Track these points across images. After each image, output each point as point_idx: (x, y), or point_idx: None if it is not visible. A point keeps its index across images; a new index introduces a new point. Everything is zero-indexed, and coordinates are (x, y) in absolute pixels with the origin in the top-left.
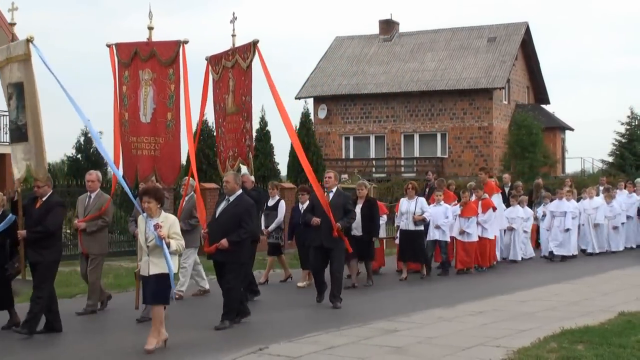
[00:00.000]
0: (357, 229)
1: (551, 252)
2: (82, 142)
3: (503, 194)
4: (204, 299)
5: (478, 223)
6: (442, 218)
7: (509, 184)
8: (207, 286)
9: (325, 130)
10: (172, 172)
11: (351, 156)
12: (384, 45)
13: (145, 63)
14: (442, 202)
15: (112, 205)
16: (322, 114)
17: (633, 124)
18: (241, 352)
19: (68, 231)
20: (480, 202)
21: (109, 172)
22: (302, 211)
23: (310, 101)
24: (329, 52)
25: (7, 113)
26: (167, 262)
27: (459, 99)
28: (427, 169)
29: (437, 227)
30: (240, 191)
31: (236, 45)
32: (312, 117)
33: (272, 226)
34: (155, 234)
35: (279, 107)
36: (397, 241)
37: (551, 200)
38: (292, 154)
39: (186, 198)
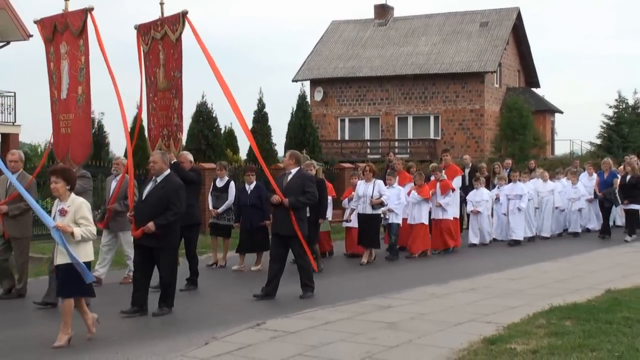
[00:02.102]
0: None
1: (514, 239)
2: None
3: (463, 175)
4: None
5: (438, 205)
6: (395, 200)
7: (469, 165)
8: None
9: (322, 112)
10: (82, 151)
11: (346, 137)
12: (379, 29)
13: (62, 36)
14: (395, 185)
15: (34, 185)
16: (318, 96)
17: (620, 107)
18: (239, 327)
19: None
20: (438, 184)
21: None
22: (248, 192)
23: (307, 84)
24: (325, 36)
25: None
26: (67, 251)
27: (451, 82)
28: (421, 150)
29: (390, 209)
30: (168, 171)
31: (165, 15)
32: (308, 99)
33: (222, 207)
34: (52, 223)
35: (220, 82)
36: (343, 224)
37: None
38: (289, 136)
39: (126, 177)
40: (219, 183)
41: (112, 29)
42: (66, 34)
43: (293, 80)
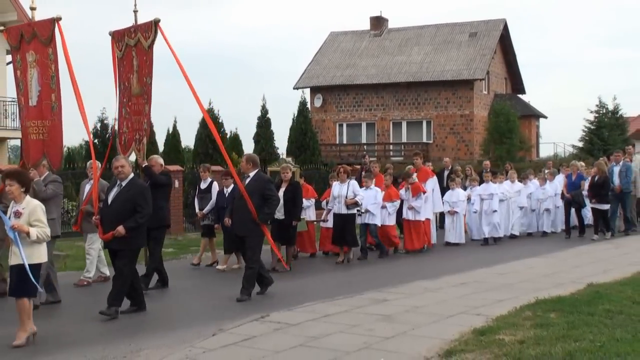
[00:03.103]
0: (279, 212)
1: (486, 238)
2: (99, 128)
3: (441, 177)
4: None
5: (410, 207)
6: (372, 201)
7: (449, 167)
8: (107, 272)
9: (321, 118)
10: (58, 155)
11: (344, 141)
12: (374, 40)
13: (29, 45)
14: (372, 186)
15: None
16: (318, 102)
17: (601, 112)
18: (245, 320)
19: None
20: (409, 187)
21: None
22: (226, 195)
23: (307, 91)
24: (324, 46)
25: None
26: (20, 253)
27: (442, 89)
28: (414, 153)
29: (367, 210)
30: (132, 175)
31: (138, 23)
32: (308, 105)
33: (207, 208)
34: (8, 223)
35: (191, 88)
36: (322, 224)
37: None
38: (291, 140)
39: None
40: (203, 185)
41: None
42: (34, 43)
43: (294, 88)
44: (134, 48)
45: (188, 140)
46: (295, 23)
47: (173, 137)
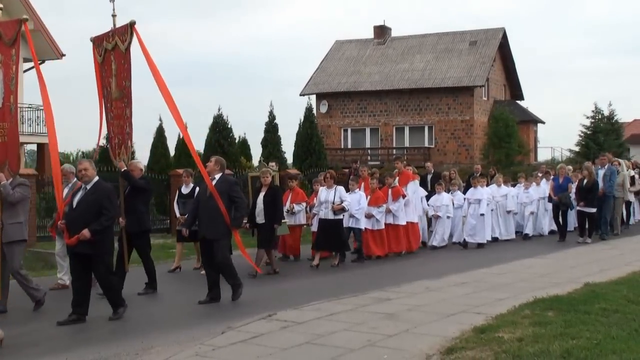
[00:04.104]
0: (259, 216)
1: (464, 240)
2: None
3: (424, 181)
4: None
5: (386, 210)
6: (356, 206)
7: (432, 172)
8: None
9: (327, 123)
10: (17, 159)
11: (349, 146)
12: (378, 48)
13: None
14: (357, 190)
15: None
16: (323, 108)
17: (597, 117)
18: (252, 318)
19: None
20: (390, 191)
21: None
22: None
23: (313, 97)
24: (329, 54)
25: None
26: None
27: (444, 96)
28: (416, 157)
29: (351, 215)
30: (97, 178)
31: (116, 26)
32: (314, 111)
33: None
34: None
35: (162, 92)
36: (312, 228)
37: (466, 188)
38: (297, 144)
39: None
40: (185, 190)
41: None
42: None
43: (300, 95)
44: (112, 52)
45: (198, 144)
46: (302, 32)
47: (184, 142)
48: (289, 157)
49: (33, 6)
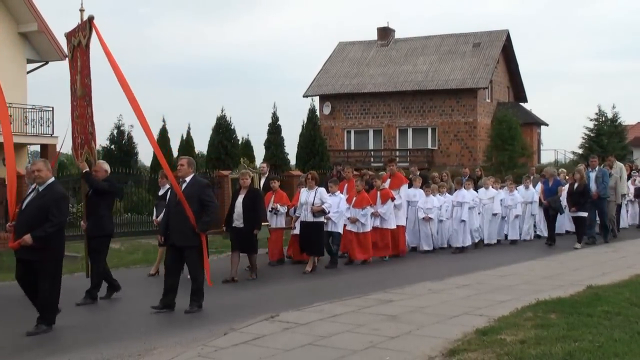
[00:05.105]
0: (238, 220)
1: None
2: (115, 134)
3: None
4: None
5: (375, 214)
6: (334, 209)
7: (417, 175)
8: None
9: (330, 125)
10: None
11: (352, 147)
12: (381, 49)
13: None
14: (337, 193)
15: None
16: (326, 110)
17: (600, 120)
18: (255, 319)
19: None
20: (379, 193)
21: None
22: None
23: (317, 99)
24: (332, 55)
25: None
26: None
27: (447, 98)
28: (419, 159)
29: (328, 218)
30: (51, 180)
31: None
32: (318, 113)
33: (161, 215)
34: None
35: (123, 88)
36: (293, 232)
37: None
38: (300, 146)
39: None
40: (161, 192)
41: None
42: None
43: (304, 96)
44: (77, 48)
45: (201, 146)
46: (306, 34)
47: (187, 143)
48: (292, 159)
49: (37, 8)
